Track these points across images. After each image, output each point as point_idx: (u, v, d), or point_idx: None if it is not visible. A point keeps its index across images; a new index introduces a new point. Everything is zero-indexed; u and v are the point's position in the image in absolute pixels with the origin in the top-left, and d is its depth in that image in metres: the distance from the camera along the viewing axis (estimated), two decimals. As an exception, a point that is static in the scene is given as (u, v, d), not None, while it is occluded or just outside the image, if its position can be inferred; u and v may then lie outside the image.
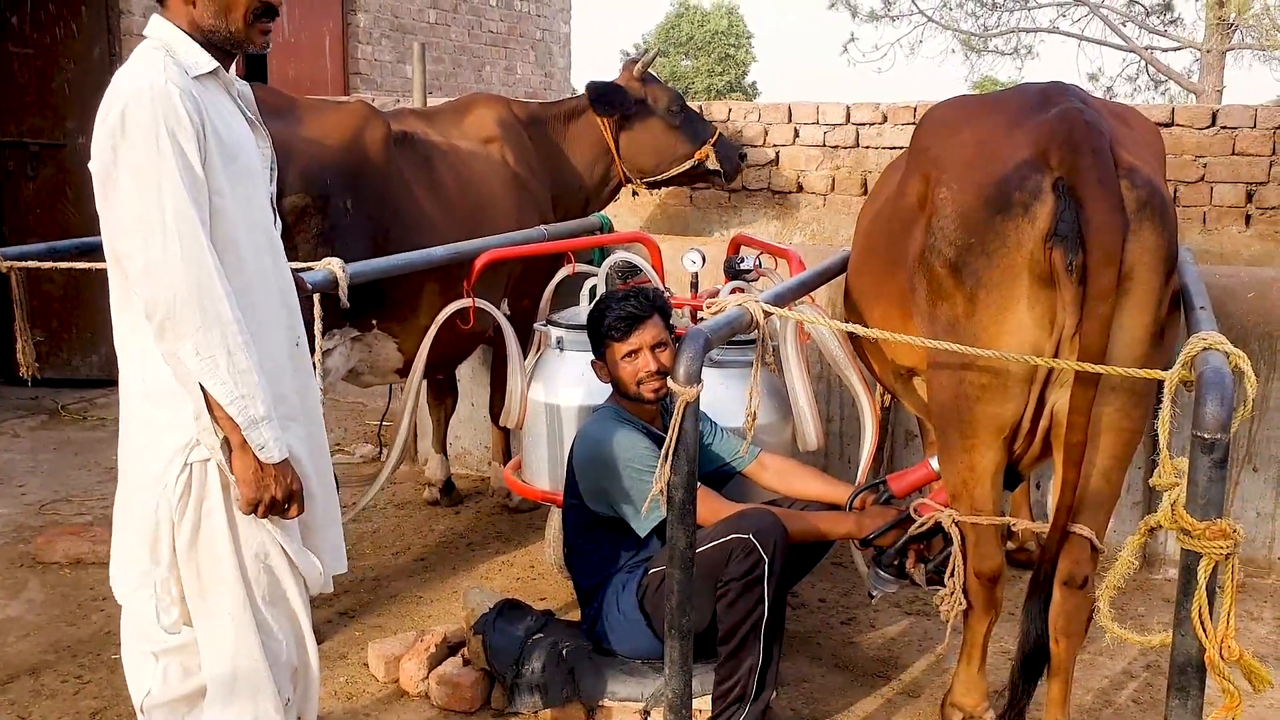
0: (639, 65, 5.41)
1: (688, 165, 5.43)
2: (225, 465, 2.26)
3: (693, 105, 6.29)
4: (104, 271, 2.37)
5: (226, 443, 2.24)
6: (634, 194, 5.80)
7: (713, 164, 5.46)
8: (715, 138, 5.49)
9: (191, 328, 2.14)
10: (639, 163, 5.35)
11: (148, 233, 2.15)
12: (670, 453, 2.49)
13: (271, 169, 2.57)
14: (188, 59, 2.29)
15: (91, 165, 2.22)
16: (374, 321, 4.04)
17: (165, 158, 2.16)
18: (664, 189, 5.83)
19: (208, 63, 2.32)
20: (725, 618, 2.96)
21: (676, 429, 2.45)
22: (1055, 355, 2.66)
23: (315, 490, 2.45)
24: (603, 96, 5.20)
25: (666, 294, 3.77)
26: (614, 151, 5.27)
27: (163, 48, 2.29)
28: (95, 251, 4.02)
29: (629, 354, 3.23)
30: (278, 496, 2.27)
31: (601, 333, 3.27)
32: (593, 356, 3.38)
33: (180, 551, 2.32)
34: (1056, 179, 2.61)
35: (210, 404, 2.19)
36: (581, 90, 5.51)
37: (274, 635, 2.44)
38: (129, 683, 2.52)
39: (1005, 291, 2.67)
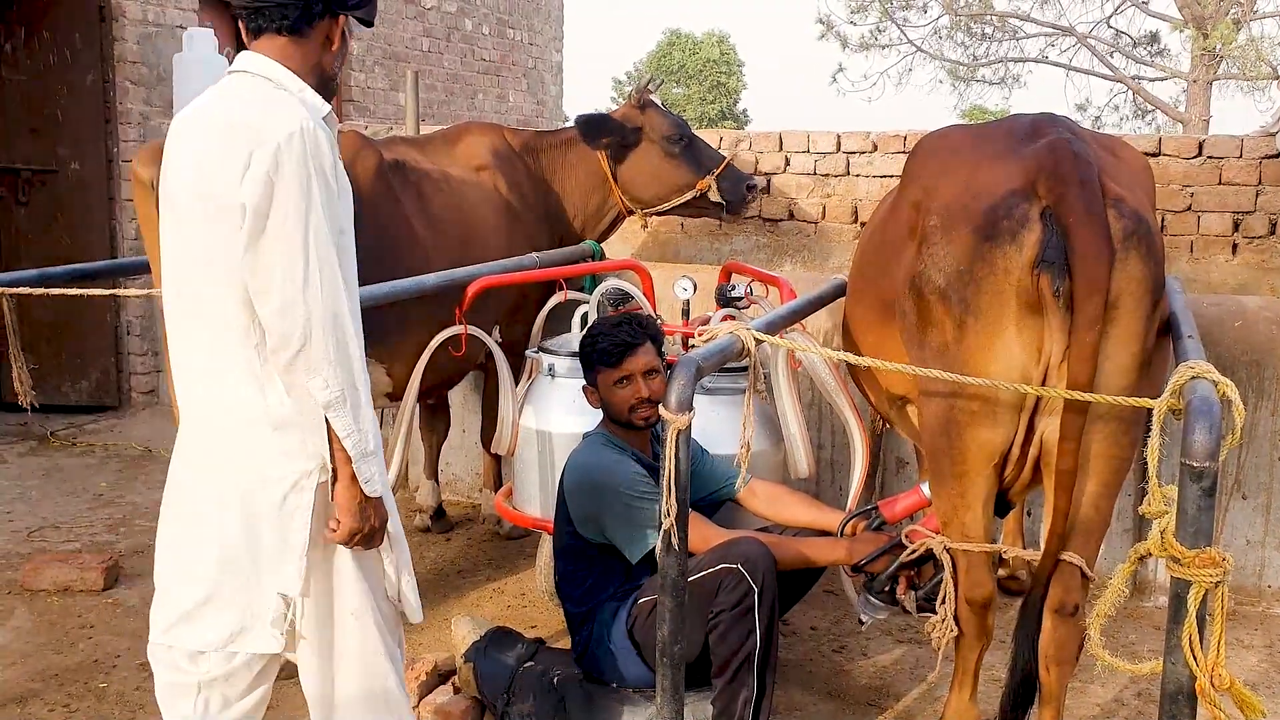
0: (636, 92, 5.37)
1: (689, 196, 5.25)
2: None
3: None
4: (96, 298, 2.38)
5: (332, 472, 2.28)
6: (643, 226, 5.68)
7: (714, 195, 5.27)
8: (722, 167, 5.30)
9: (324, 363, 2.19)
10: (637, 192, 5.23)
11: (291, 272, 2.18)
12: (668, 481, 2.49)
13: None
14: (313, 101, 2.33)
15: (241, 200, 2.20)
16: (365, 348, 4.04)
17: (313, 200, 2.20)
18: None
19: (324, 105, 2.36)
20: (718, 649, 2.96)
21: (671, 457, 2.46)
22: (1044, 382, 2.68)
23: (396, 529, 2.46)
24: (591, 127, 5.13)
25: (658, 321, 3.79)
26: (611, 181, 5.20)
27: (280, 88, 2.31)
28: (87, 278, 4.04)
29: (621, 380, 3.24)
30: (376, 527, 2.32)
31: (593, 359, 3.27)
32: (584, 383, 3.38)
33: (303, 574, 2.32)
34: (1044, 208, 2.64)
35: (329, 435, 2.25)
36: (573, 119, 5.52)
37: (399, 662, 2.49)
38: (165, 713, 2.50)
39: (993, 318, 2.70)
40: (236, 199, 2.19)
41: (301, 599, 2.35)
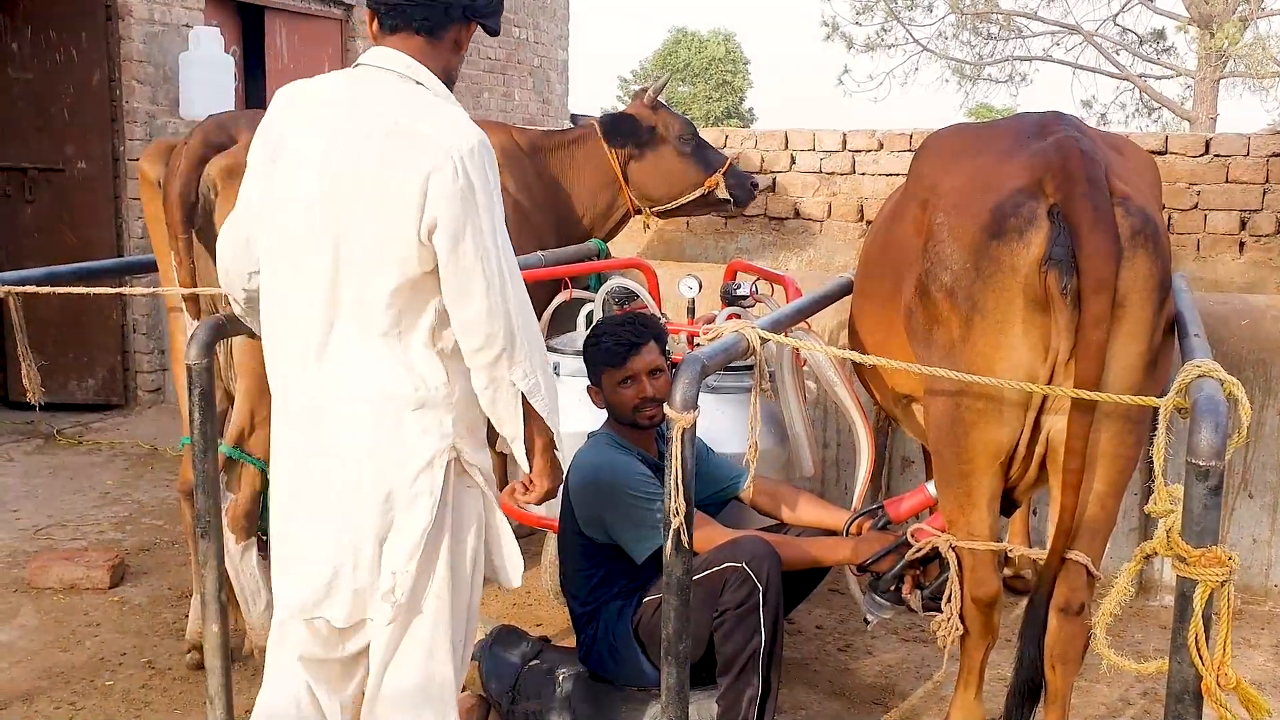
0: (649, 93, 5.37)
1: (697, 194, 5.31)
2: (524, 463, 2.53)
3: None
4: (102, 296, 2.39)
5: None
6: (646, 227, 5.73)
7: (722, 193, 5.34)
8: (726, 166, 5.37)
9: (523, 356, 2.38)
10: (648, 191, 5.25)
11: (491, 278, 2.33)
12: (673, 481, 2.49)
13: None
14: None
15: (423, 206, 2.29)
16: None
17: (497, 207, 2.37)
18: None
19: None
20: (723, 648, 2.96)
21: (676, 456, 2.46)
22: (1050, 380, 2.67)
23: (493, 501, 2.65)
24: (616, 127, 5.15)
25: (663, 320, 3.78)
26: (621, 180, 5.21)
27: (431, 92, 2.40)
28: (94, 277, 4.03)
29: (624, 380, 3.24)
30: (554, 490, 2.61)
31: (597, 359, 3.27)
32: (588, 383, 3.38)
33: (424, 551, 2.42)
34: (1052, 206, 2.63)
35: (529, 414, 2.45)
36: (578, 117, 5.52)
37: (459, 652, 2.57)
38: (275, 691, 2.56)
39: (1000, 316, 2.69)
40: (414, 203, 2.27)
41: (409, 574, 2.42)
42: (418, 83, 2.38)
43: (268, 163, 2.43)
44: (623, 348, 3.22)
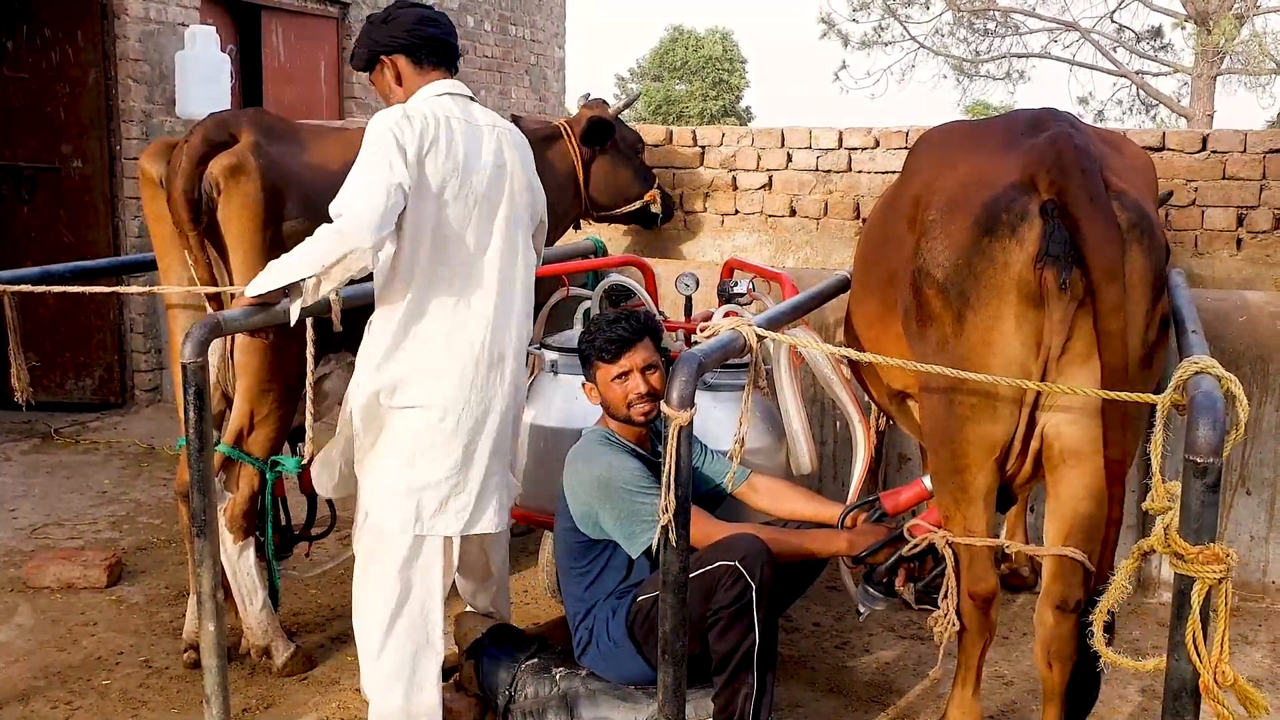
0: (621, 105, 5.59)
1: (637, 205, 5.59)
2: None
3: (687, 130, 6.46)
4: (99, 295, 2.39)
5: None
6: (576, 226, 5.86)
7: (656, 207, 5.68)
8: (656, 183, 5.74)
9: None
10: (600, 197, 5.43)
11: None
12: (668, 478, 2.49)
13: None
14: None
15: (535, 209, 3.32)
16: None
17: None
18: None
19: None
20: (717, 646, 2.96)
21: (672, 454, 2.45)
22: (1043, 376, 2.67)
23: None
24: (596, 130, 5.28)
25: (660, 317, 3.78)
26: (582, 184, 5.32)
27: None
28: (90, 276, 4.02)
29: (619, 376, 3.23)
30: None
31: (591, 355, 3.27)
32: (584, 379, 3.38)
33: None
34: (1045, 202, 2.63)
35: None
36: (567, 116, 5.61)
37: None
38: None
39: (992, 312, 2.69)
40: (533, 204, 3.29)
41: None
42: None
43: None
44: (616, 344, 3.22)
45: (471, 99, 3.21)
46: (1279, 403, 4.35)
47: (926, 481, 3.13)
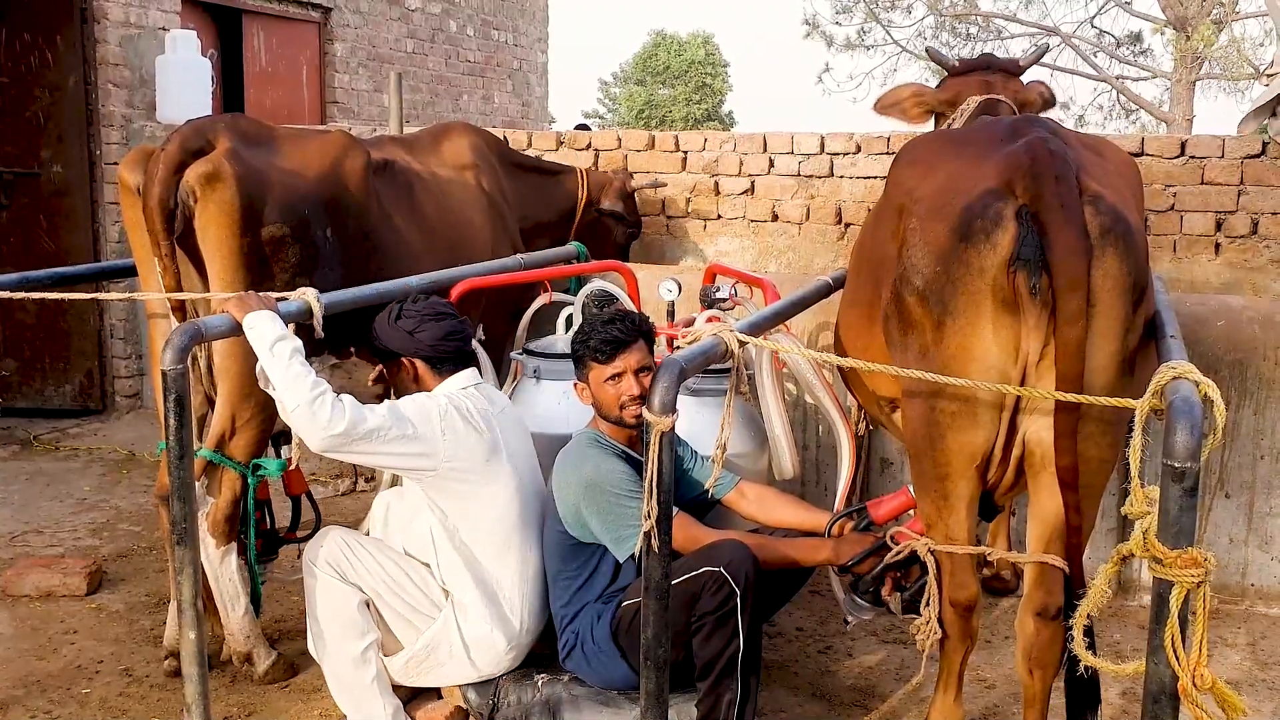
0: (643, 185, 5.96)
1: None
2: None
3: (670, 135, 6.53)
4: (78, 301, 2.37)
5: None
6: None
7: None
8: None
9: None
10: (582, 242, 5.63)
11: None
12: (650, 484, 2.48)
13: None
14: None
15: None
16: (352, 349, 4.03)
17: None
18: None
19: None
20: (701, 652, 2.96)
21: (654, 460, 2.45)
22: (1022, 381, 2.68)
23: None
24: (609, 211, 5.70)
25: (647, 322, 3.78)
26: (572, 225, 5.55)
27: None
28: (70, 282, 4.01)
29: (613, 377, 3.22)
30: None
31: (585, 355, 3.26)
32: (575, 380, 3.37)
33: None
34: (1020, 206, 2.64)
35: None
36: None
37: None
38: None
39: (970, 318, 2.70)
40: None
41: None
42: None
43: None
44: (611, 344, 3.21)
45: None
46: (1257, 407, 4.38)
47: (912, 490, 3.14)
